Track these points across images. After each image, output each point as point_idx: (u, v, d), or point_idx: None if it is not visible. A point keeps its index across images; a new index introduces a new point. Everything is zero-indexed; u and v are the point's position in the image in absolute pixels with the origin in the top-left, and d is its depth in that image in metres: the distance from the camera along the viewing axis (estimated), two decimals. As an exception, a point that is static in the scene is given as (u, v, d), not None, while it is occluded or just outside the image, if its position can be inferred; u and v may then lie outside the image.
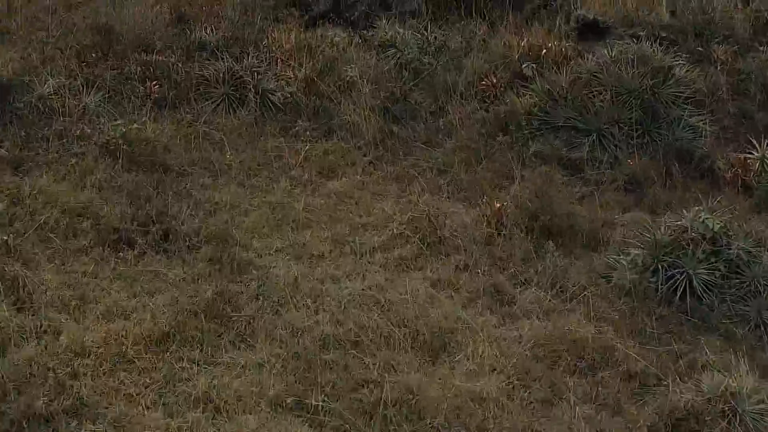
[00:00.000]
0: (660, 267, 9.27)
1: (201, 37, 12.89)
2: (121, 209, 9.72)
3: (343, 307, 8.76)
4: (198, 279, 9.03)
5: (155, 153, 10.98)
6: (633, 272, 9.32)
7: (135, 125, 10.80)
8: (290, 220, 10.28)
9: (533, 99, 11.85)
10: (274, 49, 12.86)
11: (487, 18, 13.59)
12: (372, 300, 8.89)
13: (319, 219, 10.34)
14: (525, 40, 12.67)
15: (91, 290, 8.75)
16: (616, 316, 8.95)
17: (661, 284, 9.21)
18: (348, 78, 12.46)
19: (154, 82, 12.06)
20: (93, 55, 12.22)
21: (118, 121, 10.91)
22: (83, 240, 9.41)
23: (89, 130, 10.94)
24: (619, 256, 9.65)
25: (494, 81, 12.25)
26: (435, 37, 13.20)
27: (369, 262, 9.60)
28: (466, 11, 13.75)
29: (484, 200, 10.46)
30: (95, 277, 8.96)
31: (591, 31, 12.67)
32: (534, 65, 12.12)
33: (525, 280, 9.50)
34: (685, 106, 11.63)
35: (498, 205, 10.09)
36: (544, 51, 12.39)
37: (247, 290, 8.92)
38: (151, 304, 8.61)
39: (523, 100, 11.89)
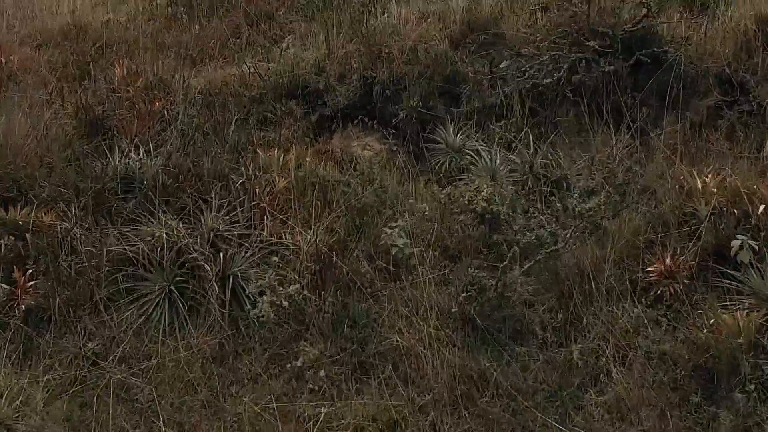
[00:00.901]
0: None
1: (126, 167, 7.12)
2: None
3: None
4: None
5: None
6: None
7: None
8: None
9: (758, 315, 6.05)
10: (257, 190, 7.09)
11: (630, 123, 7.76)
12: None
13: None
14: (717, 178, 6.86)
15: None
16: None
17: None
18: (394, 249, 6.64)
19: (29, 273, 6.31)
20: None
21: None
22: None
23: None
24: None
25: (670, 266, 6.46)
26: (545, 164, 7.39)
27: None
28: (591, 106, 7.94)
29: None
30: None
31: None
32: (752, 242, 6.29)
33: None
34: None
35: None
36: (763, 207, 6.57)
37: None
38: None
39: (737, 316, 6.07)
